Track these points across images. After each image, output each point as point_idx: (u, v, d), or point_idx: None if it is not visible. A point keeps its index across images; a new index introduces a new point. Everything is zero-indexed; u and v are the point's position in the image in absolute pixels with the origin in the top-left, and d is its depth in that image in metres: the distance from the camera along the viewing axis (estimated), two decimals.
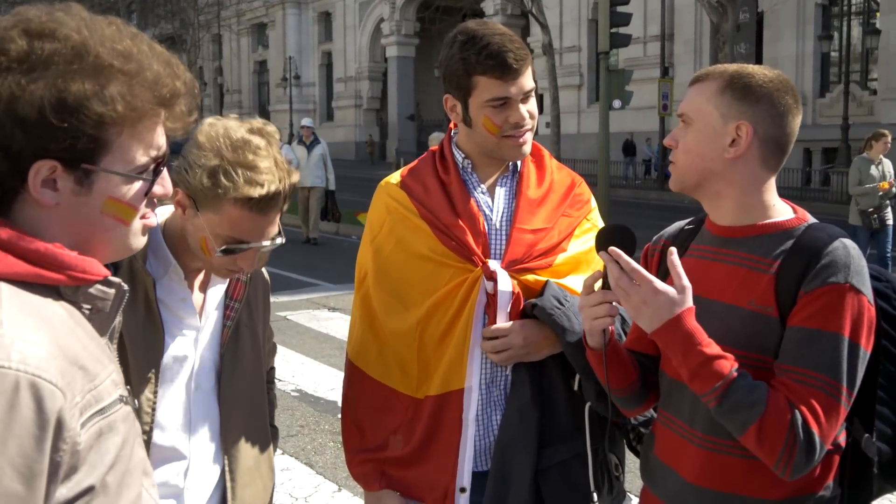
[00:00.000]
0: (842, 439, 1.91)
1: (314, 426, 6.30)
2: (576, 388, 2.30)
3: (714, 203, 1.98)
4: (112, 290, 1.25)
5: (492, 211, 2.33)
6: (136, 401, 1.80)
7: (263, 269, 2.23)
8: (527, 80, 2.24)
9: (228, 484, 1.98)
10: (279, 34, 58.64)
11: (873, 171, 11.06)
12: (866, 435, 1.92)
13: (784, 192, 1.99)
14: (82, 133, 1.15)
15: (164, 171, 1.30)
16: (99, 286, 1.23)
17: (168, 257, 1.91)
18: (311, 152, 16.00)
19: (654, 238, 2.22)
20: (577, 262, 2.34)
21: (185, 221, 1.89)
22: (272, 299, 2.26)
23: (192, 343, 1.94)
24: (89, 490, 1.09)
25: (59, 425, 1.05)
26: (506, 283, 2.23)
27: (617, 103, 15.70)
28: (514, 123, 2.23)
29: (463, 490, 2.26)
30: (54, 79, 1.13)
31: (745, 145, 1.89)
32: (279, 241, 1.93)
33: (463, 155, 2.36)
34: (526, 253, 2.27)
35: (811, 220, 1.94)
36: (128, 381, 1.79)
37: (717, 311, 1.89)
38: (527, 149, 2.31)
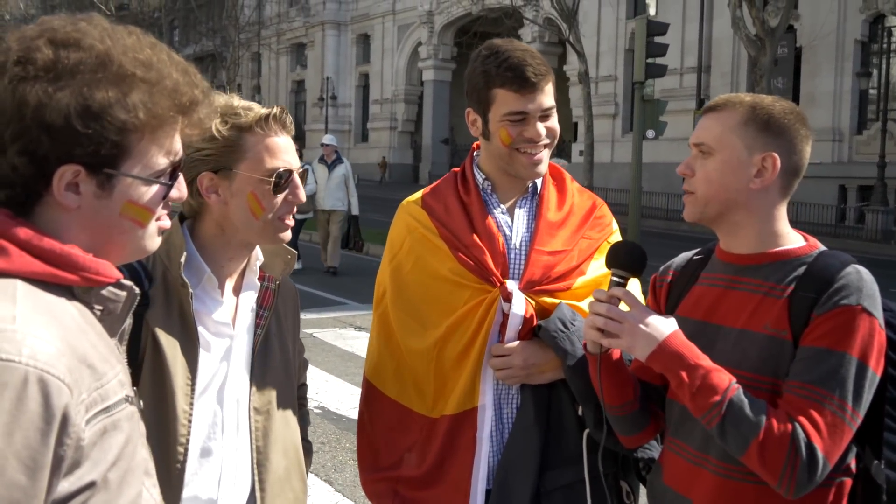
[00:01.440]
0: (853, 466, 1.91)
1: (335, 443, 6.32)
2: (580, 412, 2.29)
3: (732, 232, 2.00)
4: (123, 293, 1.28)
5: (511, 231, 2.33)
6: (175, 410, 1.84)
7: (293, 284, 2.25)
8: (546, 97, 2.26)
9: (258, 494, 1.99)
10: (318, 54, 59.19)
11: None
12: (875, 462, 1.92)
13: (818, 229, 2.03)
14: (105, 139, 1.20)
15: (181, 176, 1.35)
16: (111, 288, 1.26)
17: (202, 266, 1.94)
18: (332, 172, 14.55)
19: (662, 269, 2.24)
20: (597, 284, 2.31)
21: (220, 206, 1.92)
22: (316, 315, 2.27)
23: (226, 352, 1.96)
24: (90, 486, 1.11)
25: (65, 420, 1.08)
26: (519, 306, 2.23)
27: (651, 133, 15.66)
28: (528, 139, 2.24)
29: None
30: (80, 87, 1.18)
31: (771, 176, 1.92)
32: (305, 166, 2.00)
33: (483, 176, 2.37)
34: (544, 275, 2.27)
35: (822, 247, 1.97)
36: (164, 392, 1.83)
37: (732, 338, 1.92)
38: (541, 168, 2.31)
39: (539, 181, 2.41)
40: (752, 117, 1.93)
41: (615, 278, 1.98)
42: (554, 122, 2.31)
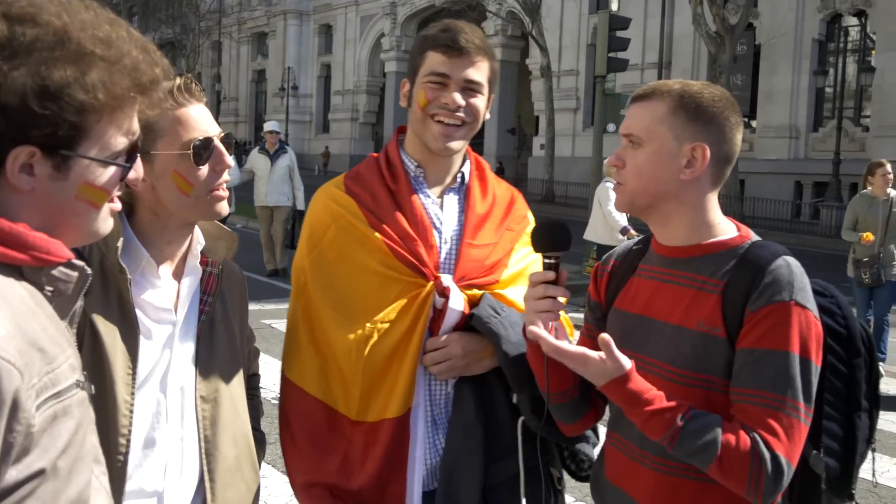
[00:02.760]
0: None
1: None
2: (514, 400, 2.23)
3: (663, 223, 1.97)
4: (75, 274, 1.23)
5: (441, 224, 2.25)
6: (116, 400, 1.77)
7: (238, 270, 2.18)
8: (474, 70, 2.18)
9: (208, 485, 1.92)
10: (279, 44, 58.77)
11: (871, 212, 8.90)
12: (814, 452, 1.93)
13: (774, 224, 2.02)
14: (63, 120, 1.15)
15: (138, 157, 1.29)
16: (62, 268, 1.21)
17: (140, 251, 1.87)
18: (275, 163, 13.02)
19: (604, 257, 2.22)
20: (517, 275, 2.28)
21: (149, 192, 1.85)
22: (257, 307, 2.22)
23: (168, 338, 1.89)
24: (40, 473, 1.07)
25: (15, 405, 1.03)
26: (458, 301, 2.16)
27: (611, 127, 15.75)
28: (444, 104, 2.16)
29: None
30: (37, 66, 1.12)
31: (701, 167, 1.89)
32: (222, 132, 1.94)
33: (416, 163, 2.27)
34: (476, 268, 2.21)
35: (754, 237, 1.94)
36: (104, 382, 1.76)
37: (667, 333, 1.90)
38: (453, 145, 2.20)
39: (466, 171, 2.33)
40: (680, 106, 1.88)
41: (547, 260, 1.93)
42: (479, 102, 2.21)
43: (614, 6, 18.38)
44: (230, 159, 1.90)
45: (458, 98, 2.16)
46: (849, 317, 2.00)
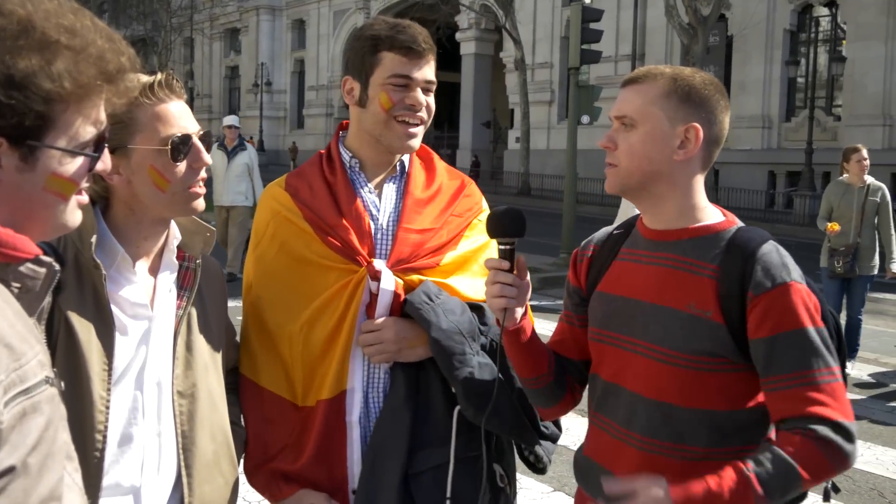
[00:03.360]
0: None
1: None
2: (454, 389, 2.23)
3: (654, 205, 2.00)
4: (43, 270, 1.21)
5: (378, 211, 2.29)
6: (91, 396, 1.76)
7: (217, 265, 2.18)
8: (430, 71, 2.24)
9: (185, 480, 1.92)
10: (252, 40, 58.43)
11: (845, 200, 8.47)
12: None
13: (749, 214, 2.05)
14: (30, 110, 1.13)
15: (106, 147, 1.27)
16: (30, 265, 1.19)
17: (115, 246, 1.86)
18: (232, 160, 12.37)
19: (583, 243, 2.24)
20: (465, 260, 2.32)
21: (125, 186, 1.85)
22: (235, 303, 2.21)
23: (144, 334, 1.88)
24: (10, 470, 1.05)
25: None
26: (389, 282, 2.19)
27: (585, 119, 15.75)
28: (410, 105, 2.20)
29: (355, 492, 2.21)
30: (1, 55, 1.11)
31: (694, 147, 1.93)
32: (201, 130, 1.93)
33: (350, 154, 2.32)
34: (412, 252, 2.24)
35: (739, 223, 1.99)
36: (79, 378, 1.74)
37: (654, 314, 1.93)
38: (415, 143, 2.26)
39: (406, 160, 2.37)
40: (673, 89, 1.93)
41: (502, 247, 1.98)
42: (432, 99, 2.27)
43: None
44: (207, 157, 1.90)
45: (422, 98, 2.22)
46: (821, 301, 2.03)
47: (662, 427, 1.91)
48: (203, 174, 1.90)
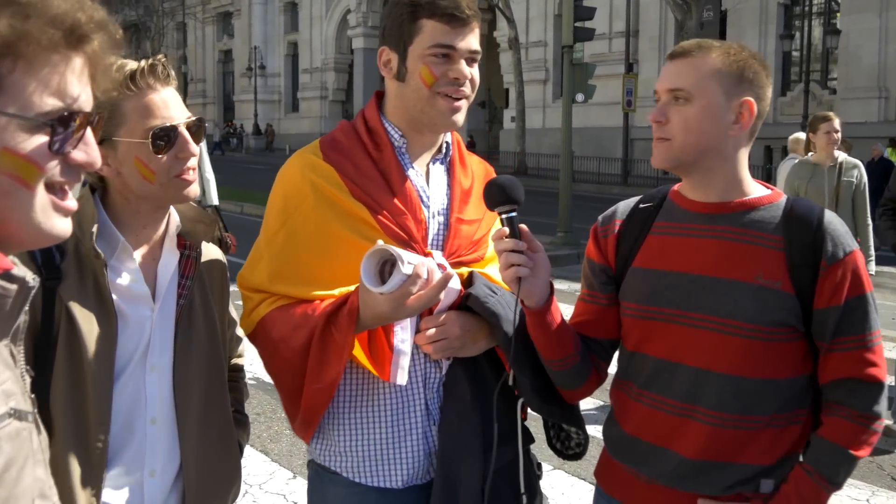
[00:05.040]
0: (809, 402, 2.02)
1: (270, 414, 6.28)
2: (510, 382, 2.09)
3: (703, 178, 1.99)
4: (14, 287, 1.04)
5: (429, 198, 2.12)
6: (94, 387, 1.74)
7: (219, 252, 2.16)
8: (474, 40, 2.05)
9: (187, 468, 1.92)
10: (245, 23, 58.13)
11: (814, 182, 6.91)
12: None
13: None
14: None
15: (89, 136, 1.09)
16: None
17: (115, 235, 1.84)
18: None
19: (602, 218, 2.19)
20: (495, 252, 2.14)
21: (115, 177, 1.83)
22: (233, 288, 2.18)
23: (146, 323, 1.88)
24: None
25: None
26: (455, 279, 2.04)
27: (580, 97, 15.70)
28: (454, 79, 2.01)
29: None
30: None
31: (748, 122, 1.94)
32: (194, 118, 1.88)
33: (400, 133, 2.11)
34: (465, 245, 2.12)
35: (785, 195, 2.04)
36: (81, 368, 1.73)
37: (718, 288, 1.93)
38: (459, 119, 2.06)
39: (450, 141, 2.19)
40: (727, 63, 1.92)
41: (503, 216, 1.91)
42: (477, 71, 2.07)
43: None
44: (194, 147, 1.86)
45: (467, 70, 2.03)
46: None
47: (732, 400, 1.93)
48: (192, 162, 1.86)
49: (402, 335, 2.02)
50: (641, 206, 2.13)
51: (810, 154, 7.11)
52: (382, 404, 2.09)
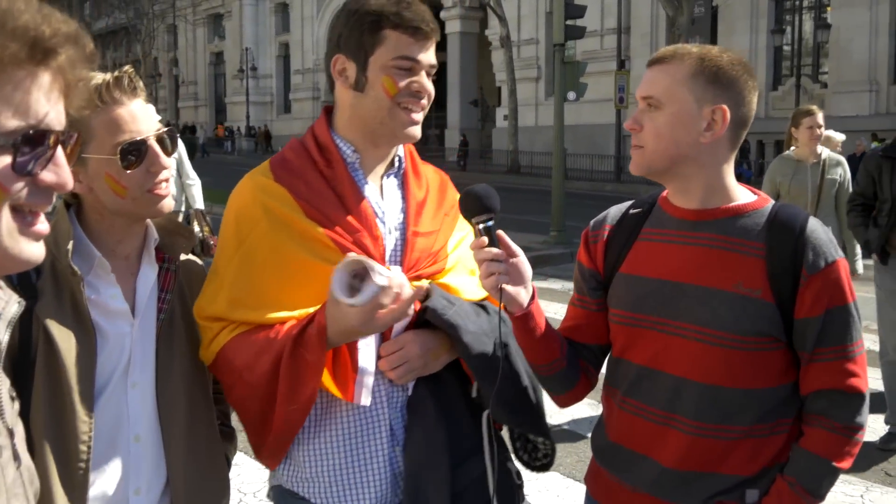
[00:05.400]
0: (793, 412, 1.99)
1: None
2: (473, 394, 2.08)
3: (682, 186, 1.97)
4: None
5: (384, 213, 2.07)
6: (74, 406, 1.70)
7: (200, 266, 2.12)
8: (433, 55, 2.03)
9: (172, 484, 1.89)
10: (236, 25, 58.06)
11: (797, 179, 6.58)
12: None
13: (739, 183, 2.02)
14: None
15: (59, 157, 1.02)
16: None
17: (91, 251, 1.81)
18: None
19: (594, 223, 2.17)
20: (458, 259, 2.15)
21: (88, 193, 1.80)
22: None
23: (126, 339, 1.84)
24: None
25: None
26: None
27: (571, 95, 15.69)
28: (416, 91, 1.99)
29: None
30: None
31: (721, 129, 1.90)
32: (164, 129, 1.84)
33: (353, 148, 2.06)
34: (424, 258, 2.06)
35: (772, 200, 1.99)
36: (61, 388, 1.69)
37: (698, 296, 1.91)
38: (417, 131, 2.03)
39: (402, 154, 2.15)
40: (700, 69, 1.88)
41: (481, 226, 1.88)
42: (432, 86, 2.05)
43: None
44: (165, 160, 1.83)
45: (429, 84, 2.02)
46: None
47: (711, 409, 1.91)
48: (164, 175, 1.83)
49: (367, 353, 1.97)
50: (631, 211, 2.11)
51: (792, 149, 6.72)
52: (345, 427, 2.03)
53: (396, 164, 2.14)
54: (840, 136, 7.99)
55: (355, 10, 1.99)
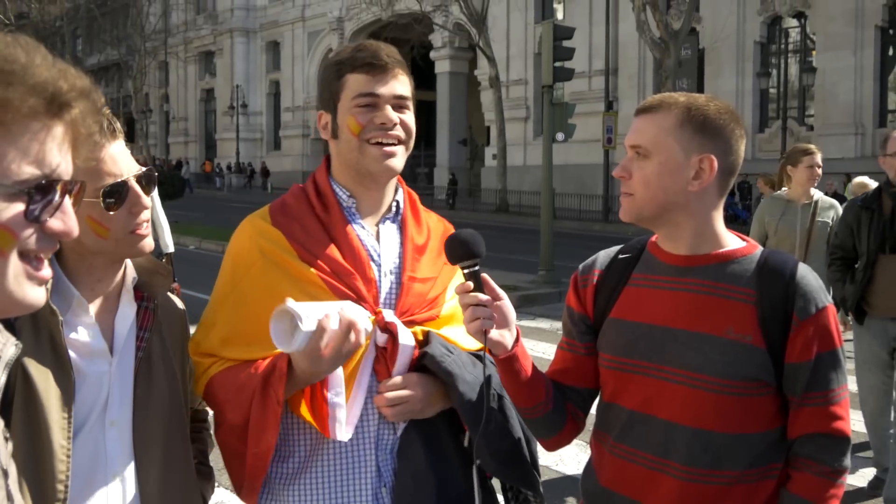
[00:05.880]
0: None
1: None
2: (465, 443, 2.10)
3: (672, 233, 1.99)
4: None
5: (379, 256, 2.11)
6: (52, 446, 1.68)
7: (178, 300, 2.13)
8: (399, 85, 2.08)
9: None
10: (227, 62, 58.38)
11: (786, 220, 6.21)
12: None
13: (727, 224, 2.04)
14: None
15: (67, 205, 1.07)
16: None
17: (70, 289, 1.81)
18: None
19: (583, 267, 2.18)
20: (455, 309, 2.13)
21: None
22: None
23: (104, 378, 1.84)
24: None
25: None
26: (406, 336, 2.04)
27: (560, 136, 15.79)
28: (380, 124, 2.04)
29: None
30: None
31: (709, 178, 1.92)
32: (144, 169, 1.85)
33: (348, 193, 2.13)
34: (418, 303, 2.09)
35: (761, 247, 2.01)
36: (38, 427, 1.68)
37: (689, 341, 1.91)
38: (395, 163, 2.07)
39: (401, 200, 2.20)
40: (687, 118, 1.91)
41: (466, 270, 1.91)
42: (409, 117, 2.09)
43: (559, 15, 18.51)
44: (146, 200, 1.84)
45: (393, 115, 2.05)
46: None
47: (702, 454, 1.90)
48: (145, 216, 1.84)
49: (335, 388, 1.99)
50: (621, 256, 2.12)
51: (784, 189, 6.35)
52: (332, 466, 2.05)
53: (395, 209, 2.18)
54: (874, 183, 7.54)
55: (325, 65, 2.14)
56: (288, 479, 2.07)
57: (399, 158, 2.09)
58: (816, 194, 6.25)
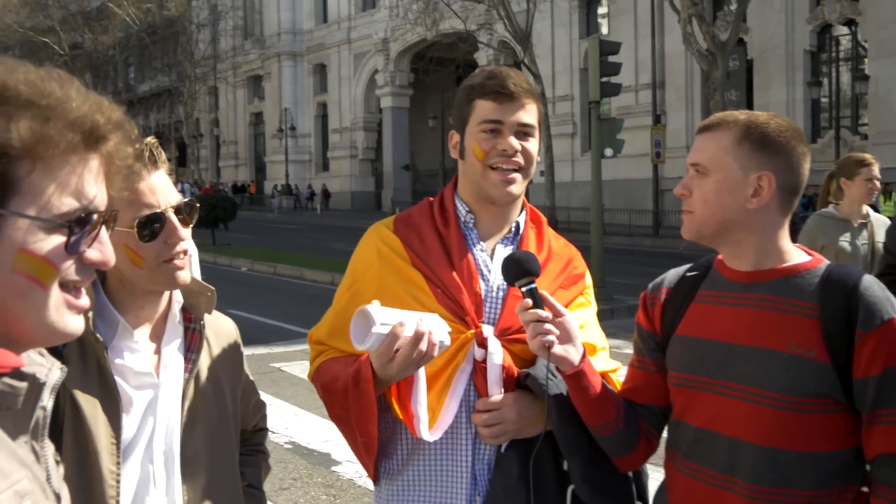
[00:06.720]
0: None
1: (307, 479, 6.21)
2: (565, 466, 2.15)
3: (733, 250, 1.98)
4: (23, 385, 1.04)
5: (490, 272, 2.19)
6: (101, 471, 1.71)
7: (229, 323, 2.14)
8: (525, 114, 2.16)
9: None
10: (275, 86, 59.14)
11: (844, 242, 5.34)
12: None
13: None
14: None
15: (104, 235, 1.09)
16: (6, 379, 1.02)
17: (115, 315, 1.83)
18: None
19: (652, 286, 2.18)
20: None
21: None
22: (265, 350, 2.14)
23: (152, 402, 1.85)
24: None
25: None
26: (497, 353, 2.08)
27: (609, 151, 15.71)
28: (502, 151, 2.14)
29: None
30: None
31: (767, 196, 1.91)
32: (185, 198, 1.86)
33: (467, 208, 2.25)
34: (518, 322, 2.06)
35: (827, 261, 1.98)
36: (88, 454, 1.71)
37: (751, 357, 1.89)
38: (515, 190, 2.18)
39: (521, 221, 2.28)
40: (746, 136, 1.91)
41: (524, 289, 1.96)
42: (532, 145, 2.19)
43: (604, 30, 18.44)
44: (182, 232, 1.84)
45: (515, 143, 2.15)
46: None
47: (767, 472, 1.87)
48: (181, 247, 1.84)
49: (416, 389, 2.08)
50: (688, 274, 2.13)
51: (832, 206, 5.50)
52: (429, 467, 2.17)
53: (513, 230, 2.28)
54: None
55: (459, 89, 2.26)
56: (394, 474, 2.22)
57: (518, 185, 2.20)
58: (869, 213, 5.51)
